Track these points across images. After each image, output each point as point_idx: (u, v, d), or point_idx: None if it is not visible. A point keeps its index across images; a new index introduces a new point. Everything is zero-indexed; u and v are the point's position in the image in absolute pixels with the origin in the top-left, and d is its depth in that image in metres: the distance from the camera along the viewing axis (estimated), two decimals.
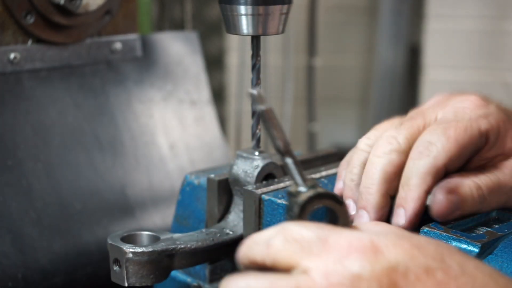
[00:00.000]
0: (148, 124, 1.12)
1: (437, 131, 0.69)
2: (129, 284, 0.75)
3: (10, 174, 0.95)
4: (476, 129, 0.70)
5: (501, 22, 2.51)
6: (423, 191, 0.68)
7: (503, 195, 0.71)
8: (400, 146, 0.70)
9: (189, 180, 0.87)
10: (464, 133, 0.69)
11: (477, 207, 0.70)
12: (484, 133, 0.70)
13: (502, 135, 0.71)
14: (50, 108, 1.02)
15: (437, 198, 0.68)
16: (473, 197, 0.69)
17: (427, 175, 0.68)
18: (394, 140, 0.71)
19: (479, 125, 0.70)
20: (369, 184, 0.70)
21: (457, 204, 0.68)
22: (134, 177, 1.08)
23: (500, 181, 0.71)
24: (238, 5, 0.79)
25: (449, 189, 0.68)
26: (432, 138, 0.69)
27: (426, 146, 0.69)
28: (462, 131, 0.69)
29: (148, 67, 1.14)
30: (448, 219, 0.69)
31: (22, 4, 0.97)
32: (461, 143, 0.69)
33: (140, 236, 0.79)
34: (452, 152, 0.69)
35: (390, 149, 0.70)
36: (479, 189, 0.69)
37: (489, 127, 0.70)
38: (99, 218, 1.02)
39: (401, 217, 0.69)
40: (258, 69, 0.84)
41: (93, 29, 1.06)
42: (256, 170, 0.81)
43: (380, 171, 0.70)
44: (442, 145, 0.68)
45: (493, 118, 0.71)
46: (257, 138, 0.85)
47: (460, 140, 0.69)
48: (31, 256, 0.94)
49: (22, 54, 0.99)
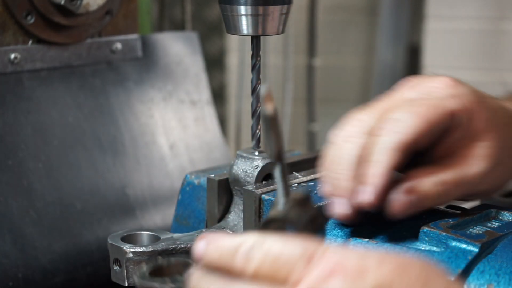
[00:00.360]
0: (148, 124, 1.12)
1: (405, 108, 0.68)
2: (130, 284, 0.75)
3: (10, 174, 0.95)
4: (446, 108, 0.68)
5: (501, 22, 2.51)
6: (389, 167, 0.66)
7: (466, 184, 0.69)
8: (368, 127, 0.68)
9: (189, 180, 0.87)
10: (434, 110, 0.67)
11: (437, 202, 0.69)
12: (452, 113, 0.68)
13: (471, 117, 0.69)
14: (51, 108, 1.02)
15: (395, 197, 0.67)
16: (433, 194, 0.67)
17: (393, 151, 0.66)
18: (360, 122, 0.69)
19: (449, 103, 0.68)
20: (339, 170, 0.68)
21: (417, 202, 0.67)
22: (134, 177, 1.08)
23: (463, 172, 0.69)
24: (238, 5, 0.79)
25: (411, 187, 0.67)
26: (399, 115, 0.67)
27: (393, 123, 0.67)
28: (432, 108, 0.67)
29: (148, 67, 1.14)
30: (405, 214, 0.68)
31: (22, 4, 0.97)
32: (430, 120, 0.67)
33: (140, 236, 0.80)
34: (421, 128, 0.67)
35: (356, 131, 0.69)
36: (443, 184, 0.68)
37: (461, 106, 0.68)
38: (100, 218, 1.02)
39: (368, 193, 0.66)
40: (258, 69, 0.84)
41: (94, 29, 1.06)
42: (256, 170, 0.81)
43: (349, 155, 0.68)
44: (410, 121, 0.66)
45: (462, 98, 0.69)
46: (257, 138, 0.85)
47: (429, 117, 0.67)
48: (31, 255, 0.94)
49: (23, 54, 1.00)
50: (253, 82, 0.85)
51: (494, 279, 0.63)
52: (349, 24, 2.80)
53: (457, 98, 0.69)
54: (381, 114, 0.69)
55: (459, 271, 0.64)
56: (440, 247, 0.67)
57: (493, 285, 0.63)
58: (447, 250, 0.66)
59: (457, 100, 0.69)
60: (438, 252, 0.66)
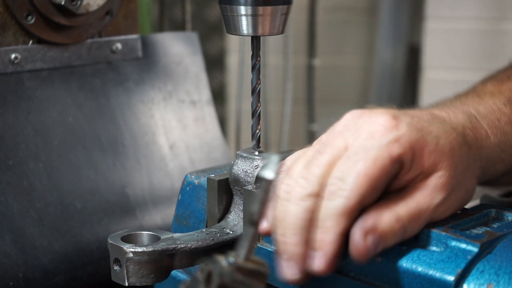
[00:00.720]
0: (148, 124, 1.12)
1: (347, 166, 0.67)
2: (130, 283, 0.75)
3: (11, 174, 0.95)
4: (387, 157, 0.66)
5: (500, 22, 2.51)
6: (338, 233, 0.66)
7: (426, 217, 0.68)
8: (313, 189, 0.67)
9: (190, 180, 0.87)
10: (374, 166, 0.66)
11: (399, 238, 0.67)
12: (397, 159, 0.67)
13: (417, 155, 0.68)
14: (51, 108, 1.02)
15: (355, 240, 0.66)
16: (394, 231, 0.66)
17: (340, 217, 0.66)
18: (306, 184, 0.68)
19: (390, 151, 0.66)
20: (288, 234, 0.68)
21: (376, 243, 0.66)
22: (135, 177, 1.08)
23: (420, 205, 0.68)
24: (238, 6, 0.79)
25: (366, 229, 0.66)
26: (343, 174, 0.66)
27: (338, 185, 0.66)
28: (372, 163, 0.66)
29: (149, 68, 1.14)
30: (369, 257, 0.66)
31: (23, 5, 0.97)
32: (372, 177, 0.66)
33: (141, 235, 0.80)
34: (364, 188, 0.66)
35: (304, 194, 0.68)
36: (400, 221, 0.66)
37: (401, 151, 0.67)
38: (100, 218, 1.02)
39: (320, 260, 0.66)
40: (258, 69, 0.84)
41: (94, 29, 1.06)
42: (256, 170, 0.81)
43: (298, 219, 0.67)
44: (352, 183, 0.65)
45: (404, 140, 0.67)
46: (257, 138, 0.85)
47: (370, 174, 0.66)
48: (32, 255, 0.94)
49: (23, 55, 1.00)
50: (253, 82, 0.85)
51: (494, 279, 0.63)
52: (349, 24, 2.80)
53: (398, 142, 0.67)
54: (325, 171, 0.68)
55: (459, 271, 0.64)
56: (440, 247, 0.67)
57: (492, 284, 0.63)
58: (447, 250, 0.66)
59: (397, 145, 0.67)
60: (438, 252, 0.66)
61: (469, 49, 2.53)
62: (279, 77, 2.09)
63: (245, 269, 0.59)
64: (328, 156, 0.69)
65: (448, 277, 0.64)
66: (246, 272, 0.59)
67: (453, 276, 0.63)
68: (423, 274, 0.65)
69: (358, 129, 0.69)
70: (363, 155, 0.66)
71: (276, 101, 2.18)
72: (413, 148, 0.67)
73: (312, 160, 0.69)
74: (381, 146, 0.66)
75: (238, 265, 0.59)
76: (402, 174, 0.68)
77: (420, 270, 0.65)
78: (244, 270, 0.59)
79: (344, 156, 0.68)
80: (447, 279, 0.64)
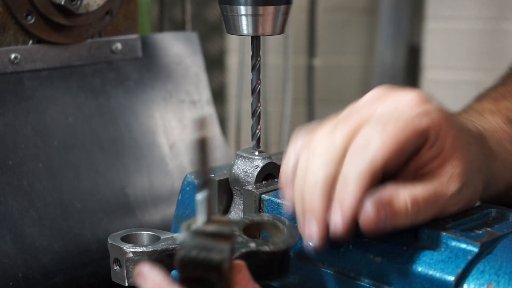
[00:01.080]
0: (148, 124, 1.12)
1: (375, 129, 0.66)
2: (130, 284, 0.75)
3: (11, 174, 0.95)
4: (417, 127, 0.66)
5: (500, 22, 2.51)
6: (361, 193, 0.65)
7: (439, 205, 0.68)
8: (335, 155, 0.67)
9: (190, 179, 0.87)
10: (403, 131, 0.65)
11: (411, 220, 0.67)
12: (425, 131, 0.66)
13: (442, 134, 0.67)
14: (51, 108, 1.02)
15: (367, 210, 0.65)
16: (407, 211, 0.66)
17: (364, 177, 0.65)
18: (329, 150, 0.67)
19: (420, 122, 0.66)
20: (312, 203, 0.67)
21: (387, 219, 0.65)
22: (135, 177, 1.08)
23: (437, 192, 0.67)
24: (238, 6, 0.79)
25: (381, 202, 0.65)
26: (369, 137, 0.66)
27: (364, 146, 0.66)
28: (401, 129, 0.65)
29: (149, 68, 1.14)
30: (377, 232, 0.66)
31: (23, 5, 0.97)
32: (400, 142, 0.65)
33: (141, 235, 0.80)
34: (390, 152, 0.65)
35: (325, 162, 0.67)
36: (415, 203, 0.66)
37: (430, 124, 0.67)
38: (100, 218, 1.02)
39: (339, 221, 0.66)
40: (258, 69, 0.84)
41: (94, 29, 1.06)
42: (256, 170, 0.81)
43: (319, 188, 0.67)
44: (380, 145, 0.65)
45: (434, 115, 0.67)
46: (257, 138, 0.85)
47: (399, 139, 0.65)
48: (31, 255, 0.94)
49: (23, 55, 1.00)
50: (253, 82, 0.85)
51: (494, 279, 0.63)
52: (349, 24, 2.80)
53: (427, 115, 0.67)
54: (351, 134, 0.67)
55: (459, 271, 0.64)
56: (440, 247, 0.67)
57: (493, 285, 0.63)
58: (447, 250, 0.66)
59: (427, 118, 0.67)
60: (438, 252, 0.66)
61: (469, 49, 2.53)
62: (279, 77, 2.09)
63: (205, 233, 0.57)
64: (355, 120, 0.68)
65: (448, 277, 0.64)
66: (207, 235, 0.57)
67: (453, 276, 0.63)
68: (423, 274, 0.65)
69: (387, 100, 0.69)
70: (394, 120, 0.66)
71: (276, 101, 2.18)
72: (441, 125, 0.67)
73: (338, 123, 0.69)
74: (411, 115, 0.66)
75: (196, 231, 0.57)
76: (424, 150, 0.68)
77: (420, 270, 0.65)
78: (204, 234, 0.57)
79: (373, 120, 0.67)
80: (447, 279, 0.64)
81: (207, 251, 0.57)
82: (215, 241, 0.57)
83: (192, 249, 0.57)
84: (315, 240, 0.68)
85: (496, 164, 0.77)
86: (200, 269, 0.57)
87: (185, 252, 0.57)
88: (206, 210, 0.58)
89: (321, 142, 0.69)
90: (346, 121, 0.68)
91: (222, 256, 0.57)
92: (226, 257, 0.57)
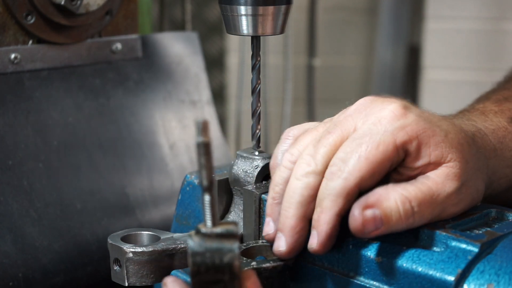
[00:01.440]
0: (148, 124, 1.12)
1: (350, 148, 0.68)
2: (130, 284, 0.75)
3: (11, 174, 0.95)
4: (391, 143, 0.67)
5: (500, 22, 2.51)
6: (334, 213, 0.67)
7: (437, 205, 0.68)
8: (317, 167, 0.69)
9: (190, 180, 0.87)
10: (376, 150, 0.67)
11: (406, 222, 0.67)
12: (401, 146, 0.67)
13: (424, 143, 0.68)
14: (51, 108, 1.02)
15: (353, 213, 0.66)
16: (399, 212, 0.66)
17: (338, 197, 0.67)
18: (312, 161, 0.70)
19: (395, 138, 0.67)
20: (286, 207, 0.70)
21: (377, 220, 0.66)
22: (135, 177, 1.08)
23: (431, 191, 0.67)
24: (238, 6, 0.79)
25: (367, 204, 0.66)
26: (345, 156, 0.68)
27: (339, 166, 0.68)
28: (374, 148, 0.67)
29: (149, 67, 1.14)
30: (371, 236, 0.67)
31: (23, 5, 0.97)
32: (372, 161, 0.67)
33: (140, 235, 0.80)
34: (363, 171, 0.67)
35: (307, 171, 0.70)
36: (406, 203, 0.66)
37: (406, 138, 0.67)
38: (100, 218, 1.02)
39: (314, 239, 0.68)
40: (258, 69, 0.84)
41: (94, 29, 1.06)
42: (256, 170, 0.82)
43: (297, 194, 0.70)
44: (353, 165, 0.67)
45: (411, 128, 0.68)
46: (257, 138, 0.85)
47: (371, 158, 0.67)
48: (31, 255, 0.94)
49: (23, 55, 1.00)
50: (253, 82, 0.85)
51: (494, 279, 0.63)
52: (349, 24, 2.80)
53: (401, 130, 0.68)
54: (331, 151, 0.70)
55: (459, 271, 0.64)
56: (440, 247, 0.67)
57: (493, 285, 0.63)
58: (447, 250, 0.66)
59: (402, 133, 0.68)
60: (438, 252, 0.66)
61: (469, 49, 2.53)
62: (279, 77, 2.09)
63: (213, 235, 0.60)
64: (335, 136, 0.70)
65: (448, 277, 0.64)
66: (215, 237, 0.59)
67: (453, 276, 0.63)
68: (423, 274, 0.65)
69: (368, 114, 0.70)
70: (368, 139, 0.68)
71: (276, 101, 2.18)
72: (419, 137, 0.68)
73: (321, 139, 0.71)
74: (386, 132, 0.68)
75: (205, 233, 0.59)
76: (409, 162, 0.69)
77: (420, 270, 0.65)
78: (213, 236, 0.59)
79: (350, 138, 0.69)
80: (447, 279, 0.64)
81: (217, 253, 0.59)
82: (223, 242, 0.59)
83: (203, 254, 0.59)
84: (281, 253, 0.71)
85: (498, 161, 0.77)
86: (213, 271, 0.59)
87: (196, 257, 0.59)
88: (211, 213, 0.59)
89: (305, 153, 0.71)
90: (329, 136, 0.71)
91: (232, 255, 0.59)
92: (235, 255, 0.59)
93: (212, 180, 0.59)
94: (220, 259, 0.59)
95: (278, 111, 2.08)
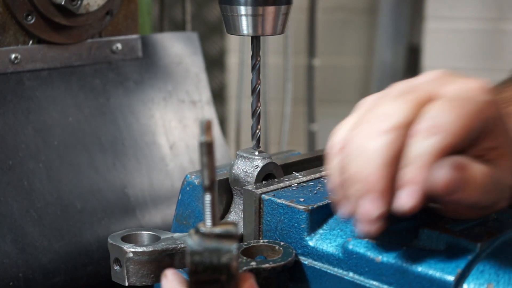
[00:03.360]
0: (148, 124, 1.12)
1: (447, 106, 0.62)
2: (130, 283, 0.75)
3: (11, 174, 0.96)
4: (485, 114, 0.63)
5: (500, 23, 2.51)
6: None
7: (498, 192, 0.66)
8: (400, 121, 0.62)
9: (190, 179, 0.87)
10: (474, 114, 0.62)
11: (477, 195, 0.63)
12: (489, 120, 0.64)
13: (499, 128, 0.65)
14: (51, 108, 1.02)
15: (441, 172, 0.60)
16: (477, 182, 0.62)
17: (434, 156, 0.61)
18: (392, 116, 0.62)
19: (489, 110, 0.64)
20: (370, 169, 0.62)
21: (460, 184, 0.61)
22: (135, 177, 1.08)
23: (499, 178, 0.65)
24: (238, 6, 0.79)
25: (457, 165, 0.60)
26: (441, 114, 0.62)
27: (434, 123, 0.61)
28: (473, 111, 0.62)
29: (149, 68, 1.14)
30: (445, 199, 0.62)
31: (23, 5, 0.97)
32: (470, 124, 0.62)
33: (141, 235, 0.80)
34: (461, 132, 0.61)
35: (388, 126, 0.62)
36: (487, 176, 0.63)
37: (495, 115, 0.64)
38: (100, 218, 1.02)
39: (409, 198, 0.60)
40: (258, 69, 0.84)
41: (94, 29, 1.07)
42: (256, 170, 0.82)
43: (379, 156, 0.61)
44: (452, 124, 0.61)
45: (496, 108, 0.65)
46: (257, 138, 0.85)
47: (470, 120, 0.62)
48: (32, 255, 0.94)
49: (23, 55, 1.00)
50: (253, 82, 0.85)
51: (494, 279, 0.63)
52: (349, 24, 2.80)
53: (493, 106, 0.65)
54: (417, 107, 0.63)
55: (459, 271, 0.64)
56: (440, 247, 0.67)
57: (492, 284, 0.63)
58: (447, 250, 0.66)
59: (493, 108, 0.65)
60: (438, 252, 0.66)
61: (469, 49, 2.53)
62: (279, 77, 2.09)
63: (212, 235, 0.60)
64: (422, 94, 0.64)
65: (448, 277, 0.64)
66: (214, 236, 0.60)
67: (453, 276, 0.63)
68: (423, 274, 0.65)
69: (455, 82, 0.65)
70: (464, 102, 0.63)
71: (276, 101, 2.18)
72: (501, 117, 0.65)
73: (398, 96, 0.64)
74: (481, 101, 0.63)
75: (205, 232, 0.60)
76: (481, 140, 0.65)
77: (420, 270, 0.65)
78: (212, 235, 0.60)
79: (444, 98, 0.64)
80: (447, 279, 0.64)
81: (215, 253, 0.59)
82: (221, 242, 0.59)
83: (201, 253, 0.59)
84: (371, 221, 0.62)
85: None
86: (210, 271, 0.59)
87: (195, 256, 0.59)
88: (211, 212, 0.59)
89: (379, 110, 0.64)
90: (411, 94, 0.64)
91: (230, 256, 0.59)
92: (233, 256, 0.59)
93: (213, 179, 0.59)
94: (218, 259, 0.59)
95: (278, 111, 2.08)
